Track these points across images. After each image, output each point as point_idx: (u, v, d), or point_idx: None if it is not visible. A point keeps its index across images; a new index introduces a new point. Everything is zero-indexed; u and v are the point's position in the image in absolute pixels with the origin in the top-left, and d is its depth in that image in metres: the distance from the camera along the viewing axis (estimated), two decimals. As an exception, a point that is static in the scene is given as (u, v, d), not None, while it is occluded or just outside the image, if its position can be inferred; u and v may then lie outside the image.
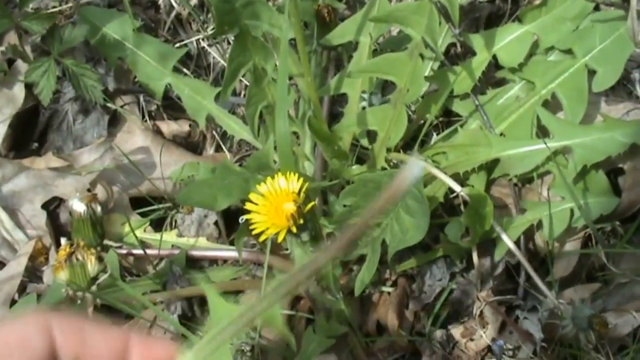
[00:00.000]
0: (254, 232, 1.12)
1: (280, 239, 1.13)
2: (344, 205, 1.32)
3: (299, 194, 1.13)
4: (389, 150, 1.52)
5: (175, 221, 1.66)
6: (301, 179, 1.14)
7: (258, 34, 1.37)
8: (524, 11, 1.60)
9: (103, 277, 1.41)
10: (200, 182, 1.34)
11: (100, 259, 1.43)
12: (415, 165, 0.56)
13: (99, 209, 1.54)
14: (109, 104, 1.72)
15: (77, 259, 1.38)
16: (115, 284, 1.47)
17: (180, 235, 1.64)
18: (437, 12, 1.40)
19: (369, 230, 1.19)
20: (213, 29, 1.81)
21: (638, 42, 1.46)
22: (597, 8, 1.58)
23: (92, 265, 1.39)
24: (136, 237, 1.57)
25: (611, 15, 1.54)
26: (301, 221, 1.13)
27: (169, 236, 1.64)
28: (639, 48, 1.50)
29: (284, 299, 0.70)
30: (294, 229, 1.12)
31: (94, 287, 1.39)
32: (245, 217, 1.14)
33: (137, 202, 1.67)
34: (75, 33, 1.66)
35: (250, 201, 1.14)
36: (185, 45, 1.83)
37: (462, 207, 1.54)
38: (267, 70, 1.40)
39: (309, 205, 1.14)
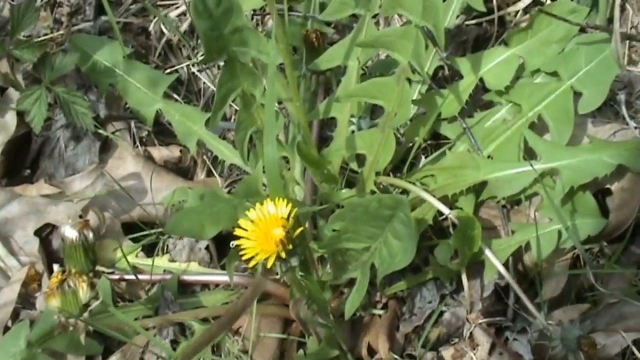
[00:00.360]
0: (243, 258, 1.13)
1: (269, 264, 1.13)
2: (333, 230, 1.32)
3: (287, 219, 1.13)
4: (378, 173, 1.53)
5: (167, 246, 1.67)
6: (290, 204, 1.15)
7: (247, 60, 1.38)
8: (510, 34, 1.61)
9: (95, 304, 1.42)
10: (188, 211, 1.34)
11: (92, 285, 1.44)
12: None
13: (91, 235, 1.55)
14: (100, 131, 1.73)
15: (69, 286, 1.39)
16: (107, 310, 1.47)
17: (172, 260, 1.65)
18: (424, 37, 1.41)
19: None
20: (203, 55, 1.82)
21: (623, 64, 1.47)
22: (582, 31, 1.59)
23: (84, 292, 1.40)
24: (128, 262, 1.57)
25: (596, 37, 1.56)
26: (290, 246, 1.13)
27: (161, 261, 1.64)
28: (624, 70, 1.51)
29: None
30: (283, 254, 1.13)
31: (86, 314, 1.40)
32: (235, 242, 1.14)
33: (129, 228, 1.68)
34: (67, 61, 1.68)
35: (240, 227, 1.14)
36: (176, 71, 1.84)
37: (451, 229, 1.55)
38: (255, 96, 1.41)
39: (298, 231, 1.14)
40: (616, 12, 1.41)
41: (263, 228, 1.13)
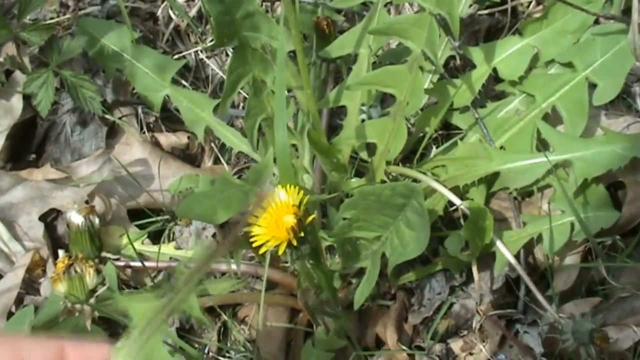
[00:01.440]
0: (254, 245, 1.11)
1: (280, 251, 1.12)
2: (344, 218, 1.31)
3: (299, 206, 1.12)
4: (388, 163, 1.51)
5: (174, 233, 1.65)
6: (301, 192, 1.13)
7: (257, 46, 1.37)
8: (524, 24, 1.60)
9: (101, 290, 1.40)
10: (200, 195, 1.33)
11: (98, 271, 1.42)
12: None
13: (97, 221, 1.54)
14: (107, 116, 1.72)
15: (76, 271, 1.38)
16: (113, 296, 1.46)
17: (178, 247, 1.63)
18: (437, 25, 1.39)
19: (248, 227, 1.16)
20: (212, 40, 1.81)
21: (639, 55, 1.45)
22: (597, 21, 1.58)
23: (90, 278, 1.39)
24: (134, 249, 1.56)
25: (612, 28, 1.54)
26: (301, 234, 1.12)
27: (167, 248, 1.63)
28: (640, 62, 1.49)
29: (194, 290, 0.74)
30: (294, 242, 1.11)
31: (92, 300, 1.39)
32: (245, 229, 1.13)
33: (135, 214, 1.66)
34: (74, 44, 1.66)
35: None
36: (184, 57, 1.82)
37: (461, 220, 1.54)
38: (266, 83, 1.40)
39: (310, 218, 1.13)
40: (634, 2, 1.39)
41: (274, 215, 1.12)
